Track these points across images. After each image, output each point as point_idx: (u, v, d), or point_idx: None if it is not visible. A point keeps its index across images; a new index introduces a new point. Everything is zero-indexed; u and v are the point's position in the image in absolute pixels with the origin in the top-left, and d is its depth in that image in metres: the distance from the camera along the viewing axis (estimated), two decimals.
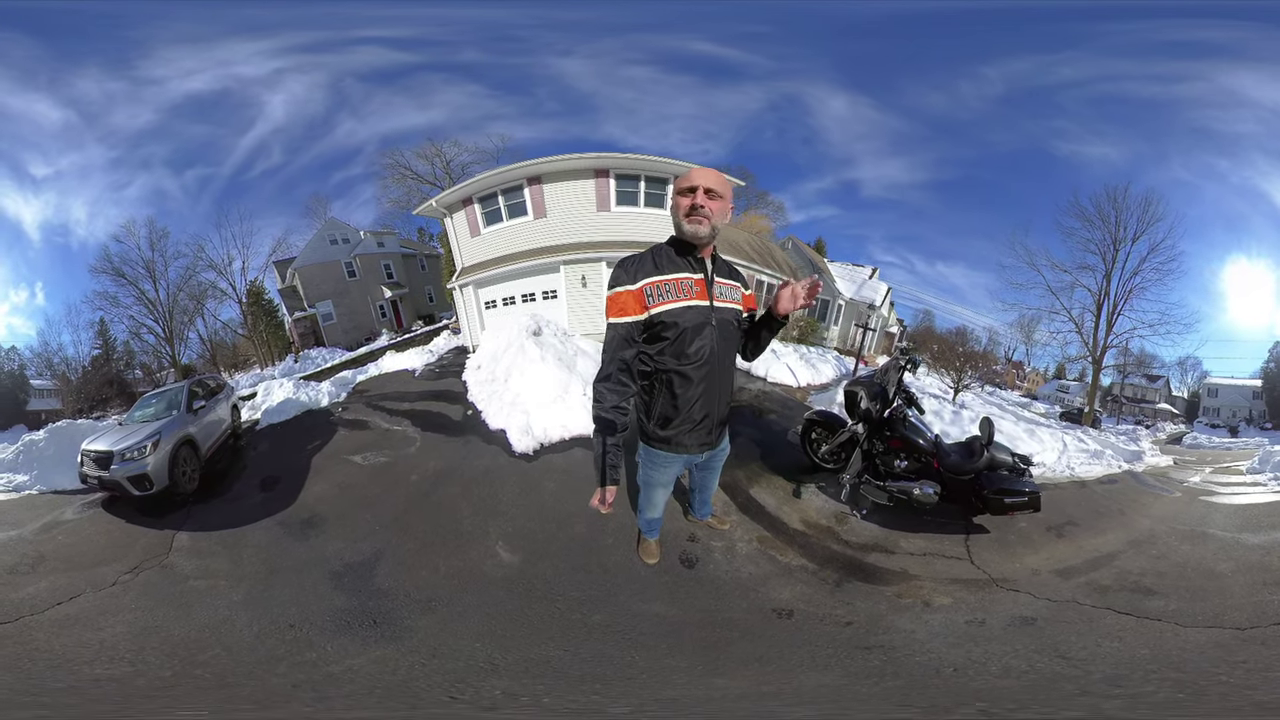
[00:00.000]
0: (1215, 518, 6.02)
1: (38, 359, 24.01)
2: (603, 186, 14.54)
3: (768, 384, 10.75)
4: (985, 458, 5.31)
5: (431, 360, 15.20)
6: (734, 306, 2.87)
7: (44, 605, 4.68)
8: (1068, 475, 7.45)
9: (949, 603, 4.30)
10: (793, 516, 5.67)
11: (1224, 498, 6.85)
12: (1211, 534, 5.48)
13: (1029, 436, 8.38)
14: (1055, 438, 8.51)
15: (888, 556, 5.00)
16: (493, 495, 6.37)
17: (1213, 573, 4.62)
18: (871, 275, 24.74)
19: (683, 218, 2.65)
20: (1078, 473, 7.52)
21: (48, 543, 6.09)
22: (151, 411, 8.57)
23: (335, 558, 5.27)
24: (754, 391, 10.09)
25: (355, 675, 3.63)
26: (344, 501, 6.59)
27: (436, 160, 22.04)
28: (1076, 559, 4.94)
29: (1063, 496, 6.52)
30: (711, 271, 2.78)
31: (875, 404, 5.70)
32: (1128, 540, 5.37)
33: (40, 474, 8.31)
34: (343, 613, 4.40)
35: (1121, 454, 8.69)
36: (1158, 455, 9.37)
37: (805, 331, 19.14)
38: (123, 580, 5.14)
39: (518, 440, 7.73)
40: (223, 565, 5.37)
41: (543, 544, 5.21)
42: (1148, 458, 8.91)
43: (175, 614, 4.53)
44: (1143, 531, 5.62)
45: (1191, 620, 3.85)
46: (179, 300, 22.99)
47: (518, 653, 3.77)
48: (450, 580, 4.78)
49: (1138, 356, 21.54)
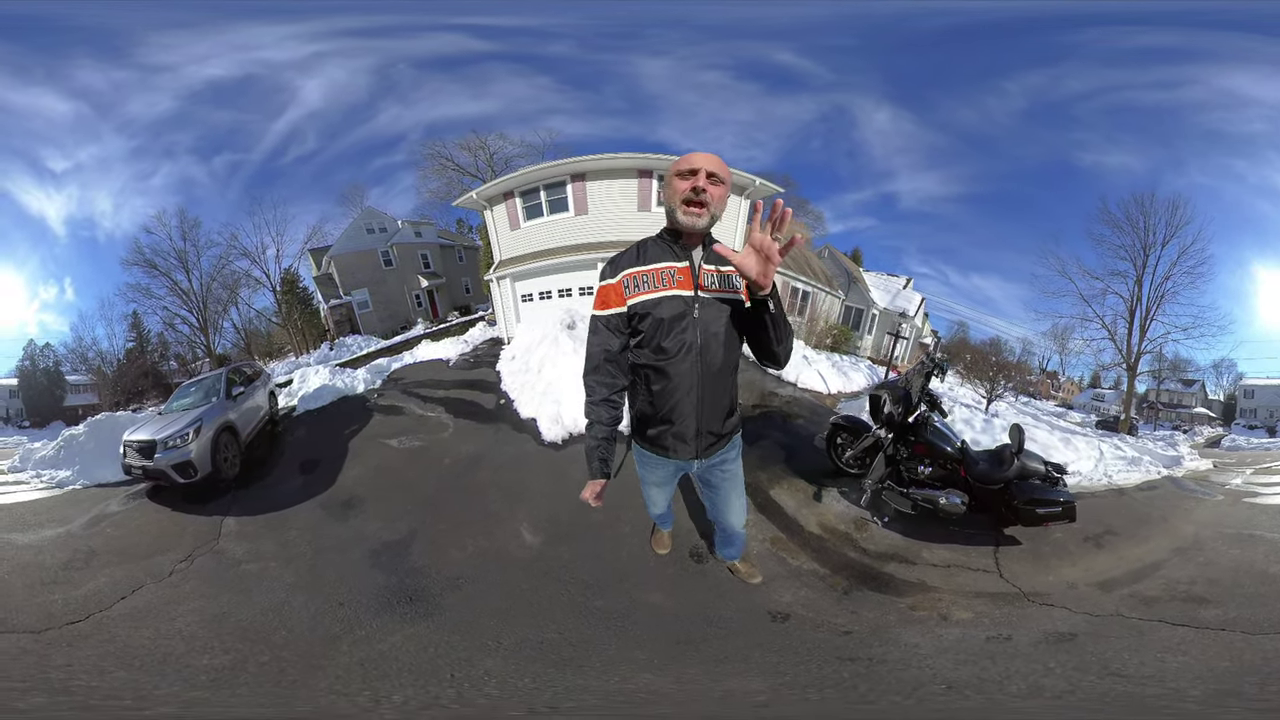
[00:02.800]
0: (1261, 519, 5.85)
1: (72, 355, 23.76)
2: (645, 187, 14.68)
3: (798, 390, 10.72)
4: (1016, 466, 5.17)
5: (466, 350, 15.43)
6: (729, 295, 2.46)
7: (109, 600, 4.66)
8: (1105, 483, 7.26)
9: (969, 617, 4.15)
10: (810, 520, 5.59)
11: (1268, 498, 6.68)
12: (1260, 536, 5.30)
13: (1064, 445, 8.19)
14: (1091, 445, 8.32)
15: (907, 567, 4.86)
16: (520, 480, 6.58)
17: (1266, 575, 4.46)
18: (906, 285, 24.55)
19: (679, 204, 2.36)
20: (1116, 480, 7.33)
21: (97, 537, 6.12)
22: (189, 400, 8.71)
23: (374, 537, 5.49)
24: (784, 397, 10.07)
25: (398, 653, 3.79)
26: (380, 484, 6.84)
27: (480, 153, 21.76)
28: (1118, 570, 4.75)
29: (1101, 505, 6.30)
30: (700, 259, 2.47)
31: (898, 408, 5.63)
32: (1172, 548, 5.18)
33: (82, 468, 8.32)
34: (383, 590, 4.59)
35: (1160, 459, 8.50)
36: (1196, 459, 9.10)
37: (839, 340, 19.12)
38: (179, 569, 5.20)
39: (548, 429, 7.95)
40: (270, 548, 5.54)
41: (564, 529, 5.36)
42: (1187, 462, 8.69)
43: (236, 599, 4.65)
44: (1187, 538, 5.42)
45: (1257, 627, 3.67)
46: (213, 290, 23.20)
47: (519, 633, 3.94)
48: (477, 559, 5.02)
49: (1172, 361, 21.18)
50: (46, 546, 5.83)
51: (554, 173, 15.04)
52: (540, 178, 15.20)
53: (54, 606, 4.57)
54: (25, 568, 5.33)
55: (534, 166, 15.53)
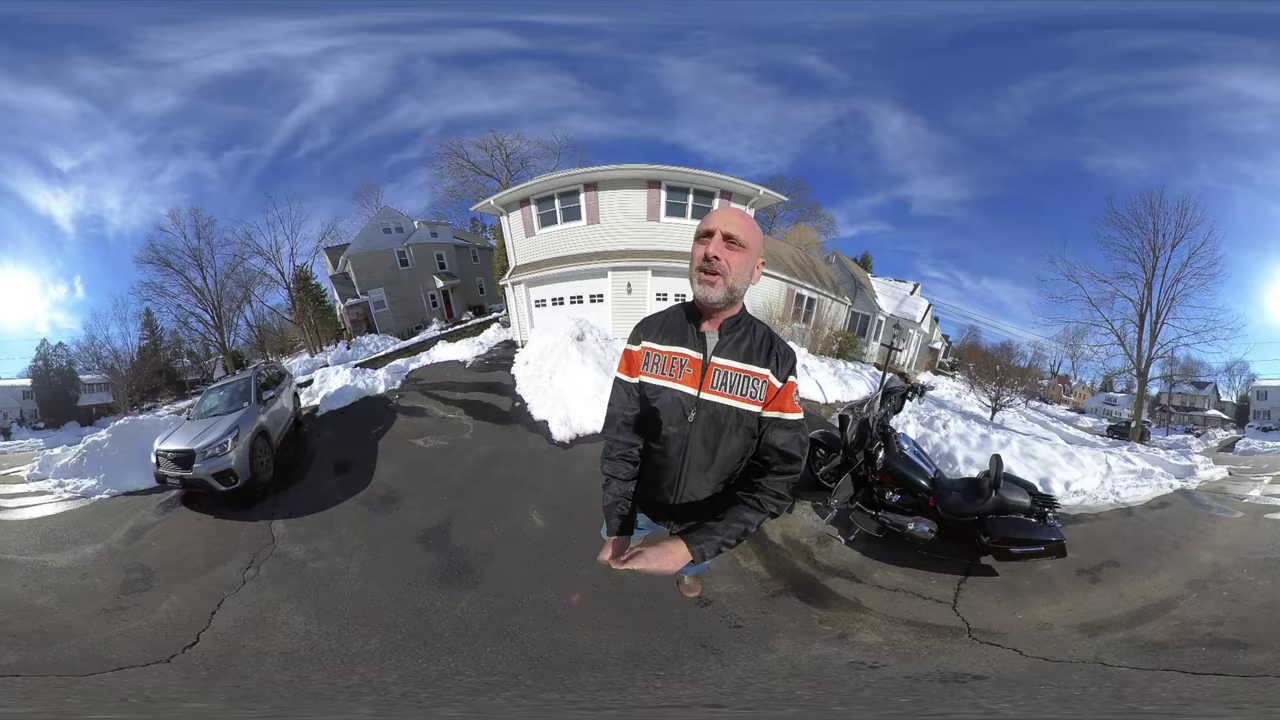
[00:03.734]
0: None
1: (85, 353, 23.48)
2: (654, 197, 15.00)
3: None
4: (993, 500, 4.90)
5: (482, 352, 15.76)
6: (732, 404, 2.05)
7: (202, 620, 4.50)
8: (1112, 502, 6.79)
9: (875, 641, 4.03)
10: (775, 530, 5.68)
11: None
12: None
13: (1068, 462, 7.73)
14: (1098, 460, 7.93)
15: (850, 584, 4.82)
16: (533, 474, 7.26)
17: None
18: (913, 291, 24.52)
19: (694, 271, 2.03)
20: (1124, 498, 6.90)
21: (143, 551, 5.92)
22: (218, 404, 8.59)
23: (417, 525, 6.11)
24: None
25: (470, 618, 4.47)
26: (414, 479, 7.36)
27: (496, 152, 21.86)
28: (1114, 610, 4.31)
29: (1103, 531, 5.91)
30: (712, 351, 2.08)
31: (853, 436, 5.54)
32: (1188, 581, 4.70)
33: (108, 476, 7.99)
34: (437, 567, 5.28)
35: (1172, 470, 8.21)
36: (1211, 467, 8.78)
37: (844, 347, 19.09)
38: (249, 577, 5.22)
39: (557, 430, 8.58)
40: (327, 545, 5.85)
41: (568, 514, 6.02)
42: (1200, 471, 8.32)
43: (320, 594, 4.93)
44: (1205, 567, 4.98)
45: None
46: (227, 287, 23.23)
47: (536, 594, 4.67)
48: (501, 538, 5.75)
49: (1184, 364, 21.08)
50: (90, 568, 5.57)
51: (568, 181, 15.37)
52: (555, 186, 15.52)
53: (143, 634, 4.36)
54: (75, 596, 5.00)
55: (549, 175, 15.91)
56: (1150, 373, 19.30)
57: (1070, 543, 4.76)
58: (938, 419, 9.32)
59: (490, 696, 3.52)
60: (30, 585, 5.18)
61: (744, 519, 2.00)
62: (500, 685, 3.62)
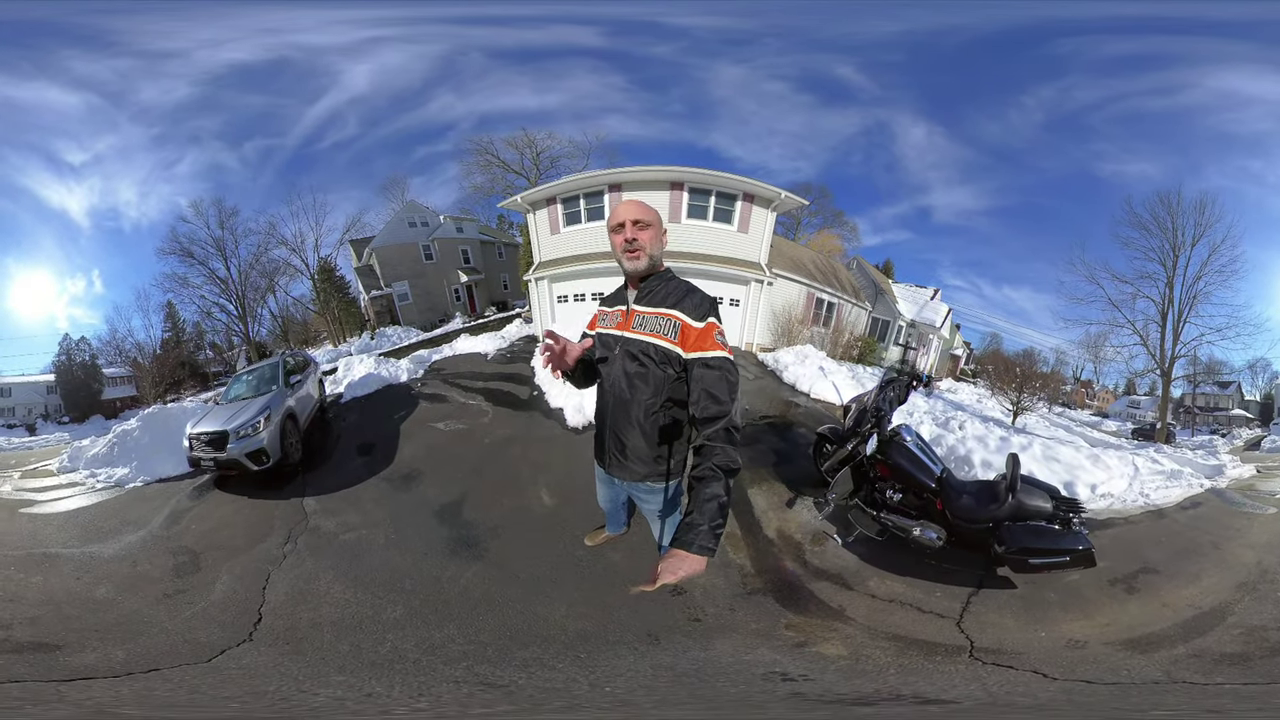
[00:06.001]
0: None
1: (108, 347, 23.58)
2: (676, 198, 15.21)
3: (810, 399, 10.87)
4: (1010, 504, 4.35)
5: (503, 346, 15.96)
6: (646, 339, 2.51)
7: (255, 598, 4.60)
8: (1141, 505, 6.45)
9: (832, 654, 3.67)
10: (771, 523, 5.48)
11: None
12: None
13: (1093, 464, 7.33)
14: (1124, 462, 7.60)
15: (837, 590, 4.43)
16: (545, 457, 7.47)
17: None
18: (933, 296, 24.36)
19: (621, 254, 2.59)
20: (1154, 499, 6.59)
21: (185, 535, 6.05)
22: (246, 389, 8.78)
23: (434, 501, 6.37)
24: (795, 406, 10.27)
25: (473, 588, 4.66)
26: (433, 459, 7.63)
27: (527, 150, 21.80)
28: (1161, 621, 3.92)
29: (1135, 535, 5.57)
30: (633, 301, 2.64)
31: (851, 423, 5.18)
32: (1235, 583, 4.38)
33: (140, 464, 8.08)
34: (449, 540, 5.53)
35: (1201, 470, 8.09)
36: (1239, 465, 8.58)
37: (864, 351, 19.13)
38: (288, 551, 5.43)
39: (571, 417, 8.83)
40: (356, 519, 6.09)
41: (572, 493, 6.17)
42: (1229, 470, 8.14)
43: (353, 563, 5.15)
44: (1250, 568, 4.69)
45: None
46: (250, 278, 23.38)
47: (534, 569, 4.83)
48: (510, 514, 5.97)
49: (1207, 364, 20.67)
50: (138, 555, 5.63)
51: (593, 182, 15.68)
52: (580, 186, 15.82)
53: (212, 615, 4.43)
54: (132, 584, 5.04)
55: (576, 175, 16.19)
56: (1173, 372, 18.98)
57: (1099, 550, 4.25)
58: (954, 419, 9.13)
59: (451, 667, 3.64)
60: (84, 577, 5.16)
61: (707, 494, 2.13)
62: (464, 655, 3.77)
